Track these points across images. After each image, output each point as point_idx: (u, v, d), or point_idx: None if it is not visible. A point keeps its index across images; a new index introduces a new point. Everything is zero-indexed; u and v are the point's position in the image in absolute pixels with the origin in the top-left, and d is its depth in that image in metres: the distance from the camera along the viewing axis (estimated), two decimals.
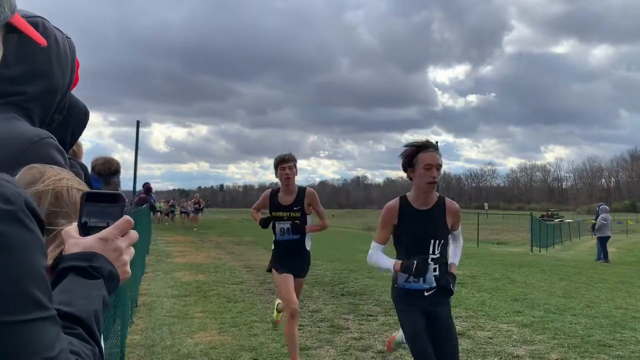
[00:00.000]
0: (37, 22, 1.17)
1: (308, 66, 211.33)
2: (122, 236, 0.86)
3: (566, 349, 5.31)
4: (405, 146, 3.36)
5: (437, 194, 3.39)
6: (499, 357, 5.02)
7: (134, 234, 0.89)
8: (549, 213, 56.03)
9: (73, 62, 1.29)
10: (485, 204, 69.51)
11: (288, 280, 4.62)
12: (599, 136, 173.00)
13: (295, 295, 4.61)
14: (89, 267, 0.80)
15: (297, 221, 4.62)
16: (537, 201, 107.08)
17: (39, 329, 0.60)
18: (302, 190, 4.74)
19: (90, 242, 0.83)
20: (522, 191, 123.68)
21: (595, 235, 17.15)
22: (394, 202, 3.41)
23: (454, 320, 6.56)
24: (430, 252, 3.23)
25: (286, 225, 4.65)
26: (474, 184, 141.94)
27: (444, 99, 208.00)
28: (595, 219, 16.94)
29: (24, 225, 0.61)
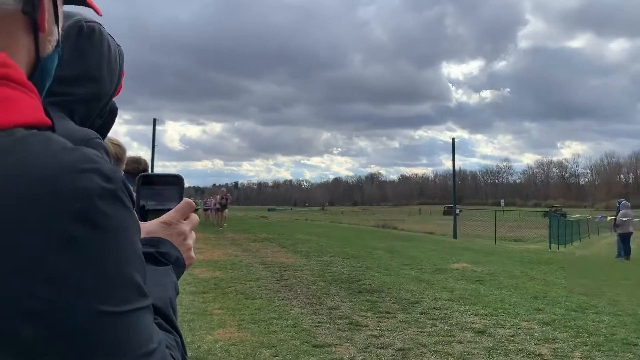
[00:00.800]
0: (94, 28, 1.20)
1: (319, 63, 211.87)
2: (184, 219, 0.82)
3: (590, 347, 5.22)
4: None
5: None
6: (522, 355, 4.95)
7: (195, 217, 0.85)
8: (554, 209, 55.62)
9: (121, 70, 1.33)
10: (502, 201, 68.88)
11: None
12: (617, 131, 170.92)
13: None
14: (156, 252, 0.76)
15: None
16: (553, 197, 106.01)
17: (141, 319, 0.55)
18: None
19: (153, 227, 0.80)
20: (538, 188, 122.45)
21: (615, 232, 16.88)
22: None
23: (474, 318, 6.51)
24: None
25: None
26: (489, 181, 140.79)
27: (458, 95, 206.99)
28: (616, 216, 16.67)
29: (124, 204, 0.56)
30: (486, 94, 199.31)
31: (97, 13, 0.79)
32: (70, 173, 0.52)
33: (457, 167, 21.78)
